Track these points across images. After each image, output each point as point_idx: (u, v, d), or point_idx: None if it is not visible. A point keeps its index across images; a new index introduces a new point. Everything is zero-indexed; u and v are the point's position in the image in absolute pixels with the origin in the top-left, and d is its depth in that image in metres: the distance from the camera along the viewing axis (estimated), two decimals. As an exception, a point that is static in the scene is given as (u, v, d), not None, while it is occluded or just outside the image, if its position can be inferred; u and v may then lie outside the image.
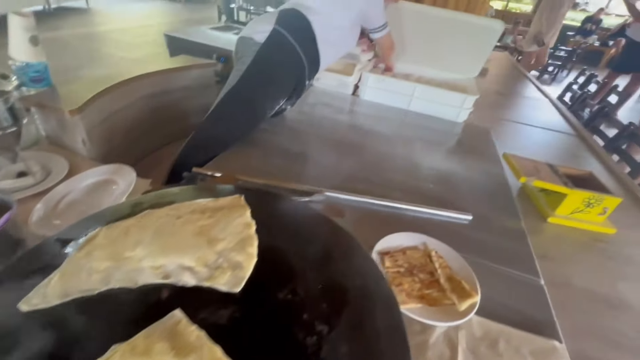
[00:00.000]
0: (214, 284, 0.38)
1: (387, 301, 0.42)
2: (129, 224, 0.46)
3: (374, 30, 1.17)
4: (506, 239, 0.73)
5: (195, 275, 0.39)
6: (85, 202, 0.71)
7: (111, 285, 0.37)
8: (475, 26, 1.33)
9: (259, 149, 0.94)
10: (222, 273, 0.39)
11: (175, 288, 0.37)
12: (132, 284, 0.37)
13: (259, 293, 0.39)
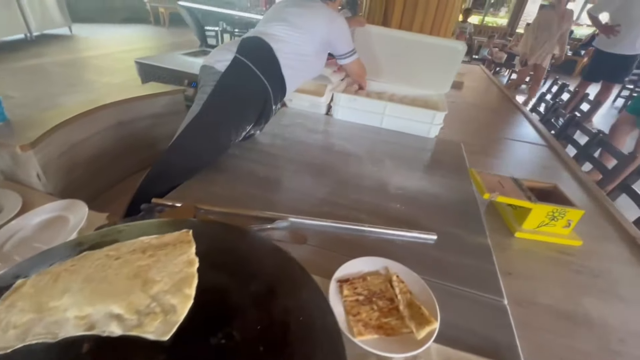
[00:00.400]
0: (141, 333, 0.36)
1: (331, 339, 0.40)
2: (61, 269, 0.44)
3: (340, 56, 1.20)
4: (471, 258, 0.72)
5: (123, 323, 0.37)
6: (40, 238, 0.69)
7: (28, 340, 0.34)
8: (440, 47, 1.37)
9: (225, 175, 0.92)
10: (152, 320, 0.37)
11: (98, 340, 0.35)
12: (51, 337, 0.35)
13: (190, 339, 0.37)
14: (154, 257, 0.47)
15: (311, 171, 1.00)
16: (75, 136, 0.92)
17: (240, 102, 0.96)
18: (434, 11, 1.46)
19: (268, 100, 1.01)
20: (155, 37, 7.10)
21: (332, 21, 1.11)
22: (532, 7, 9.20)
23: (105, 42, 6.02)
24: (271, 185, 0.91)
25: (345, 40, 1.17)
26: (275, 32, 1.04)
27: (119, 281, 0.42)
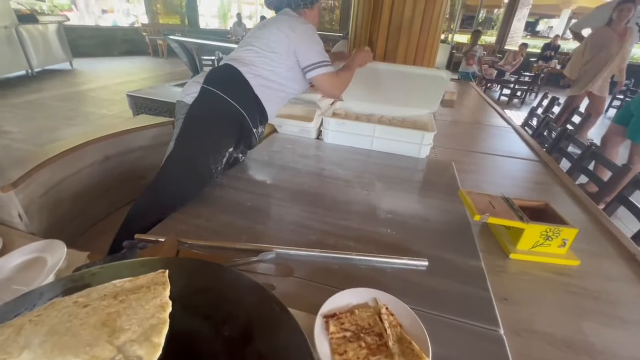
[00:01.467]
0: (101, 392, 0.33)
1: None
2: (25, 320, 0.42)
3: (306, 68, 1.09)
4: (464, 284, 0.69)
5: (82, 381, 0.34)
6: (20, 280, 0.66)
7: (-23, 406, 0.32)
8: (426, 77, 1.40)
9: (210, 206, 0.91)
10: (114, 376, 0.35)
11: (54, 402, 0.33)
12: (3, 402, 0.32)
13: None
14: (124, 302, 0.44)
15: (299, 198, 0.99)
16: (59, 173, 0.92)
17: (212, 130, 0.96)
18: (417, 34, 1.50)
19: (244, 124, 1.02)
20: (153, 67, 7.31)
21: (293, 29, 1.05)
22: (518, 24, 9.54)
23: (104, 75, 6.19)
24: (258, 215, 0.90)
25: (310, 49, 1.08)
26: (243, 56, 1.06)
27: (84, 332, 0.40)
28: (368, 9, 1.50)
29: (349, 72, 1.22)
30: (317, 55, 1.09)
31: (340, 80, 1.18)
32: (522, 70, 6.51)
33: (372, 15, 1.50)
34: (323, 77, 1.11)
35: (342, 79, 1.18)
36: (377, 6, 1.47)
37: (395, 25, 1.48)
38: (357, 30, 1.60)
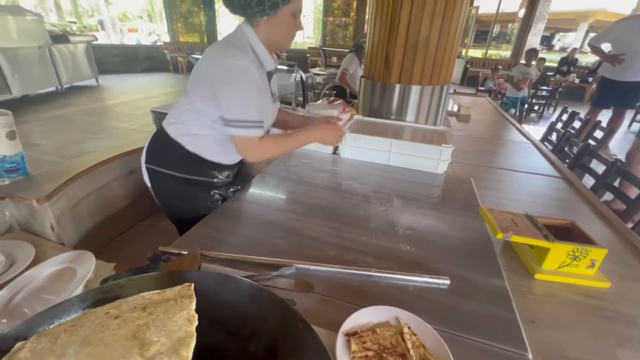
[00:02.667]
0: (133, 404, 0.34)
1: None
2: (61, 330, 0.43)
3: (225, 121, 0.89)
4: (488, 304, 0.68)
5: (115, 393, 0.35)
6: (50, 290, 0.69)
7: (17, 414, 0.33)
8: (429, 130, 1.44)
9: (230, 220, 0.93)
10: (145, 388, 0.36)
11: (88, 412, 0.34)
12: (41, 410, 0.33)
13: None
14: (153, 314, 0.46)
15: (317, 213, 0.99)
16: (88, 187, 0.96)
17: (185, 203, 1.00)
18: (434, 52, 1.51)
19: (205, 185, 1.04)
20: (173, 83, 7.59)
21: (216, 61, 0.86)
22: (534, 38, 9.48)
23: (127, 91, 6.47)
24: (276, 229, 0.91)
25: (231, 95, 0.86)
26: (173, 113, 0.99)
27: (116, 343, 0.41)
28: (385, 28, 1.53)
29: (283, 145, 1.00)
30: (239, 109, 0.87)
31: (264, 150, 0.95)
32: (539, 84, 6.42)
33: (389, 34, 1.53)
34: (242, 139, 0.91)
35: (267, 150, 0.96)
36: (393, 25, 1.50)
37: (411, 43, 1.50)
38: (374, 48, 1.63)
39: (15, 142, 0.84)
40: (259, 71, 0.91)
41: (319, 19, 11.87)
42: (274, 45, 0.96)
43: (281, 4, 0.86)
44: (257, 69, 0.90)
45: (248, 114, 0.88)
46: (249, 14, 0.88)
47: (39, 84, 5.20)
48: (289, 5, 0.88)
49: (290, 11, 0.90)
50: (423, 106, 1.66)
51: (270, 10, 0.86)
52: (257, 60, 0.92)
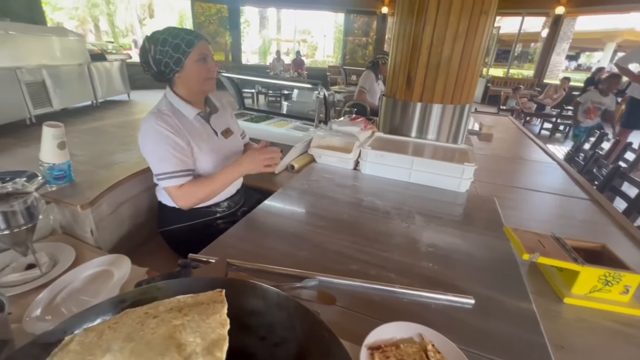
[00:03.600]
0: (172, 399, 0.36)
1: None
2: (105, 326, 0.46)
3: (155, 176, 0.98)
4: (515, 326, 0.66)
5: (156, 387, 0.37)
6: (86, 291, 0.73)
7: (70, 400, 0.36)
8: (451, 148, 1.47)
9: (254, 231, 0.96)
10: (183, 385, 0.38)
11: (133, 404, 0.36)
12: (91, 399, 0.36)
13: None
14: (188, 316, 0.48)
15: (339, 227, 1.01)
16: (123, 195, 1.02)
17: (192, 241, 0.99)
18: (456, 72, 1.54)
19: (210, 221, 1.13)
20: (199, 99, 7.92)
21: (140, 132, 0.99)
22: (558, 58, 9.33)
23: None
24: (299, 241, 0.93)
25: (151, 156, 0.96)
26: None
27: (155, 341, 0.43)
28: (407, 48, 1.57)
29: (208, 185, 1.01)
30: (158, 164, 0.97)
31: (188, 196, 1.00)
32: (564, 104, 6.27)
33: (411, 54, 1.57)
34: (167, 189, 0.99)
35: (191, 194, 1.00)
36: (415, 46, 1.54)
37: (433, 63, 1.53)
38: (396, 68, 1.67)
39: (64, 152, 0.92)
40: (182, 121, 1.01)
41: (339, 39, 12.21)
42: (195, 93, 1.06)
43: (183, 57, 0.96)
44: (179, 121, 1.01)
45: (163, 167, 0.97)
46: (167, 77, 1.01)
47: (77, 98, 5.56)
48: (190, 55, 0.96)
49: (194, 59, 0.98)
50: (444, 125, 1.67)
51: (177, 66, 0.97)
52: (177, 112, 1.03)
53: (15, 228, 0.71)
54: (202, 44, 0.98)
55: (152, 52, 0.95)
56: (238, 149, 1.21)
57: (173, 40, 0.94)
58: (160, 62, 0.96)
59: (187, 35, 0.96)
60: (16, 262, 0.78)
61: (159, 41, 0.95)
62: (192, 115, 1.04)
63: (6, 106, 4.08)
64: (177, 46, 0.94)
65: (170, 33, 0.95)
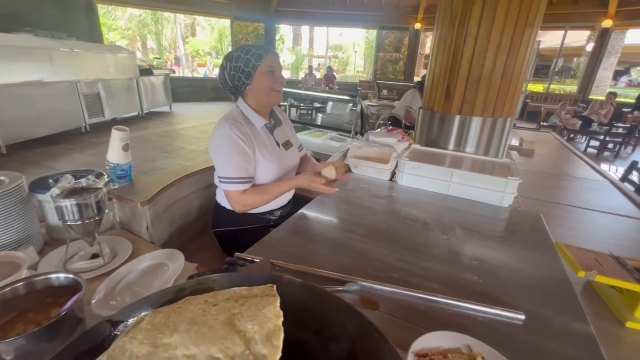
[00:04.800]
0: (237, 379, 0.38)
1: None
2: (171, 310, 0.50)
3: (218, 178, 1.07)
4: (571, 347, 0.62)
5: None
6: (140, 283, 0.79)
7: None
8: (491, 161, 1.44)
9: (296, 235, 0.98)
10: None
11: (202, 380, 0.39)
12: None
13: (280, 392, 0.38)
14: (244, 306, 0.51)
15: (378, 236, 1.01)
16: (175, 195, 1.10)
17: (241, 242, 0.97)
18: (498, 85, 1.51)
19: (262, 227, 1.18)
20: (234, 111, 8.29)
21: (211, 135, 1.06)
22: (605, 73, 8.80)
23: (195, 117, 7.20)
24: (340, 247, 0.94)
25: (219, 161, 1.04)
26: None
27: (217, 326, 0.46)
28: (447, 60, 1.58)
29: (266, 194, 1.09)
30: (224, 169, 1.04)
31: (246, 202, 1.07)
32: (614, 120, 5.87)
33: (451, 67, 1.57)
34: (226, 192, 1.06)
35: (250, 200, 1.07)
36: (456, 59, 1.54)
37: (474, 76, 1.52)
38: (434, 80, 1.67)
39: (127, 154, 1.01)
40: (251, 130, 1.10)
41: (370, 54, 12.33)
42: (263, 104, 1.14)
43: (253, 71, 1.04)
44: (249, 129, 1.09)
45: (228, 171, 1.04)
46: (240, 90, 1.10)
47: (126, 109, 6.03)
48: (259, 68, 1.04)
49: (264, 72, 1.05)
50: (484, 138, 1.63)
51: (247, 80, 1.05)
52: (248, 121, 1.11)
53: (86, 219, 0.78)
54: (270, 57, 1.05)
55: (228, 69, 1.05)
56: (295, 161, 1.28)
57: (245, 56, 1.02)
58: (234, 77, 1.05)
59: (257, 50, 1.04)
60: (83, 251, 0.86)
61: (233, 58, 1.04)
62: (259, 125, 1.13)
63: (66, 115, 4.52)
64: (248, 61, 1.03)
65: (243, 50, 1.04)
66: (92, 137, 4.79)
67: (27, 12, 5.55)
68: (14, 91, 3.67)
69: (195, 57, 15.89)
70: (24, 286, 0.58)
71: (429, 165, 1.39)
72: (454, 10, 1.50)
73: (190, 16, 13.49)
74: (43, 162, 3.63)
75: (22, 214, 0.82)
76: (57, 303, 0.60)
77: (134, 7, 10.29)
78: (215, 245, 1.19)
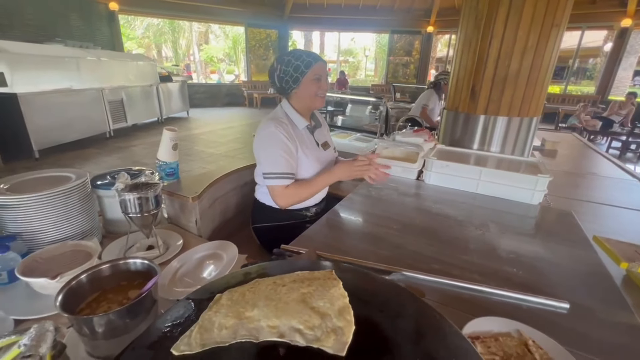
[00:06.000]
0: (321, 346, 0.42)
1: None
2: (244, 290, 0.55)
3: (262, 174, 1.11)
4: (620, 335, 0.64)
5: (304, 336, 0.44)
6: (199, 271, 0.84)
7: (238, 339, 0.44)
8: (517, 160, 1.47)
9: (333, 230, 1.02)
10: (327, 336, 0.44)
11: (289, 346, 0.43)
12: (254, 338, 0.44)
13: (361, 357, 0.42)
14: (312, 286, 0.55)
15: (414, 231, 1.04)
16: (217, 192, 1.16)
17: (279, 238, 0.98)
18: (524, 86, 1.52)
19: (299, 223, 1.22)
20: (249, 115, 8.44)
21: (257, 134, 1.12)
22: (624, 73, 8.60)
23: (211, 122, 7.36)
24: (378, 241, 0.97)
25: (264, 157, 1.09)
26: (257, 180, 1.26)
27: (291, 303, 0.51)
28: (472, 61, 1.60)
29: (307, 189, 1.14)
30: (269, 165, 1.09)
31: (290, 196, 1.12)
32: (637, 121, 5.72)
33: (476, 68, 1.59)
34: (271, 188, 1.11)
35: (293, 195, 1.12)
36: (481, 60, 1.57)
37: (500, 77, 1.54)
38: (459, 82, 1.70)
39: (176, 153, 1.08)
40: (294, 130, 1.16)
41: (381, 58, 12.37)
42: (307, 107, 1.20)
43: (301, 77, 1.10)
44: (293, 129, 1.16)
45: (273, 167, 1.09)
46: (286, 92, 1.16)
47: (146, 115, 6.22)
48: (307, 75, 1.10)
49: (312, 79, 1.12)
50: (510, 137, 1.64)
51: (295, 84, 1.12)
52: (291, 122, 1.18)
53: (146, 212, 0.84)
54: (318, 65, 1.11)
55: (278, 71, 1.12)
56: (333, 161, 1.33)
57: (295, 61, 1.08)
58: (282, 79, 1.12)
59: (307, 57, 1.09)
60: (139, 243, 0.92)
61: (284, 62, 1.10)
62: (302, 126, 1.19)
63: (93, 121, 4.70)
64: (297, 67, 1.09)
65: (294, 55, 1.10)
66: (116, 141, 4.96)
67: (53, 23, 5.82)
68: (46, 99, 3.85)
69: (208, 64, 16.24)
70: (108, 268, 0.63)
71: (457, 164, 1.41)
72: (479, 12, 1.53)
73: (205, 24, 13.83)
74: (74, 165, 3.80)
75: (86, 209, 0.89)
76: (132, 286, 0.66)
77: (153, 17, 10.61)
78: (253, 241, 1.24)
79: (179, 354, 0.42)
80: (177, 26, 14.29)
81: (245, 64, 10.50)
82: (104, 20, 7.00)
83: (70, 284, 0.58)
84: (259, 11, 9.40)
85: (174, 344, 0.43)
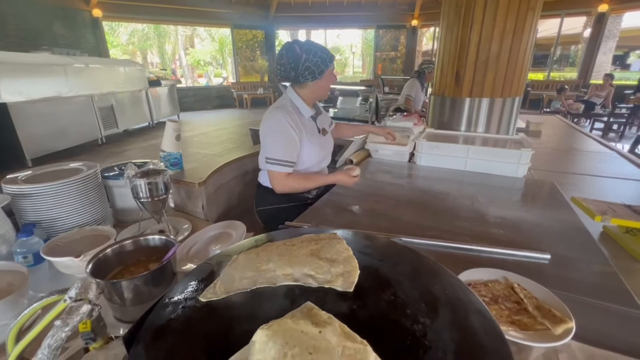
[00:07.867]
0: (331, 285, 0.49)
1: (478, 308, 0.48)
2: (258, 250, 0.60)
3: (265, 159, 1.15)
4: (596, 277, 0.72)
5: (316, 279, 0.50)
6: (207, 250, 0.89)
7: (258, 285, 0.50)
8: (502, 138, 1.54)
9: (332, 208, 1.09)
10: (336, 278, 0.50)
11: (303, 288, 0.49)
12: (272, 284, 0.50)
13: (367, 294, 0.48)
14: (319, 244, 0.61)
15: (409, 205, 1.11)
16: (221, 179, 1.21)
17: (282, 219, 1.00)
18: (505, 67, 1.60)
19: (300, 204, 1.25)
20: (240, 117, 8.43)
21: (263, 121, 1.17)
22: (604, 57, 8.83)
23: (203, 124, 7.33)
24: (375, 215, 1.04)
25: (269, 143, 1.13)
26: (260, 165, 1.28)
27: (302, 256, 0.57)
28: (455, 47, 1.68)
29: (305, 183, 1.20)
30: (272, 151, 1.13)
31: (287, 185, 1.17)
32: (617, 102, 5.91)
33: (459, 53, 1.67)
34: (272, 173, 1.16)
35: (290, 185, 1.17)
36: (463, 45, 1.64)
37: (482, 60, 1.62)
38: (444, 68, 1.77)
39: (179, 143, 1.12)
40: (300, 119, 1.20)
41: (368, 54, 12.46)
42: (316, 97, 1.26)
43: (325, 69, 1.15)
44: (298, 118, 1.19)
45: (276, 154, 1.13)
46: (299, 80, 1.16)
47: (137, 120, 6.19)
48: (329, 68, 1.16)
49: (332, 71, 1.18)
50: (494, 117, 1.72)
51: (319, 75, 1.15)
52: (297, 110, 1.21)
53: (155, 197, 0.89)
54: (334, 60, 1.19)
55: (303, 59, 1.11)
56: (331, 146, 1.39)
57: (321, 54, 1.12)
58: (308, 68, 1.12)
59: (328, 52, 1.16)
60: (150, 229, 0.97)
61: (311, 52, 1.11)
62: (307, 114, 1.24)
63: (84, 128, 4.67)
64: (324, 60, 1.13)
65: (317, 47, 1.14)
66: (109, 147, 4.93)
67: (38, 32, 5.76)
68: (36, 107, 3.83)
69: (195, 68, 16.14)
70: (130, 244, 0.68)
71: (446, 144, 1.48)
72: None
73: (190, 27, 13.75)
74: (66, 174, 3.78)
75: (98, 198, 0.93)
76: (151, 260, 0.71)
77: (138, 22, 10.53)
78: (257, 225, 1.30)
79: (206, 300, 0.48)
80: (163, 31, 14.16)
81: (232, 66, 10.49)
82: (88, 28, 6.93)
83: (98, 256, 0.63)
84: (244, 12, 9.40)
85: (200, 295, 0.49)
